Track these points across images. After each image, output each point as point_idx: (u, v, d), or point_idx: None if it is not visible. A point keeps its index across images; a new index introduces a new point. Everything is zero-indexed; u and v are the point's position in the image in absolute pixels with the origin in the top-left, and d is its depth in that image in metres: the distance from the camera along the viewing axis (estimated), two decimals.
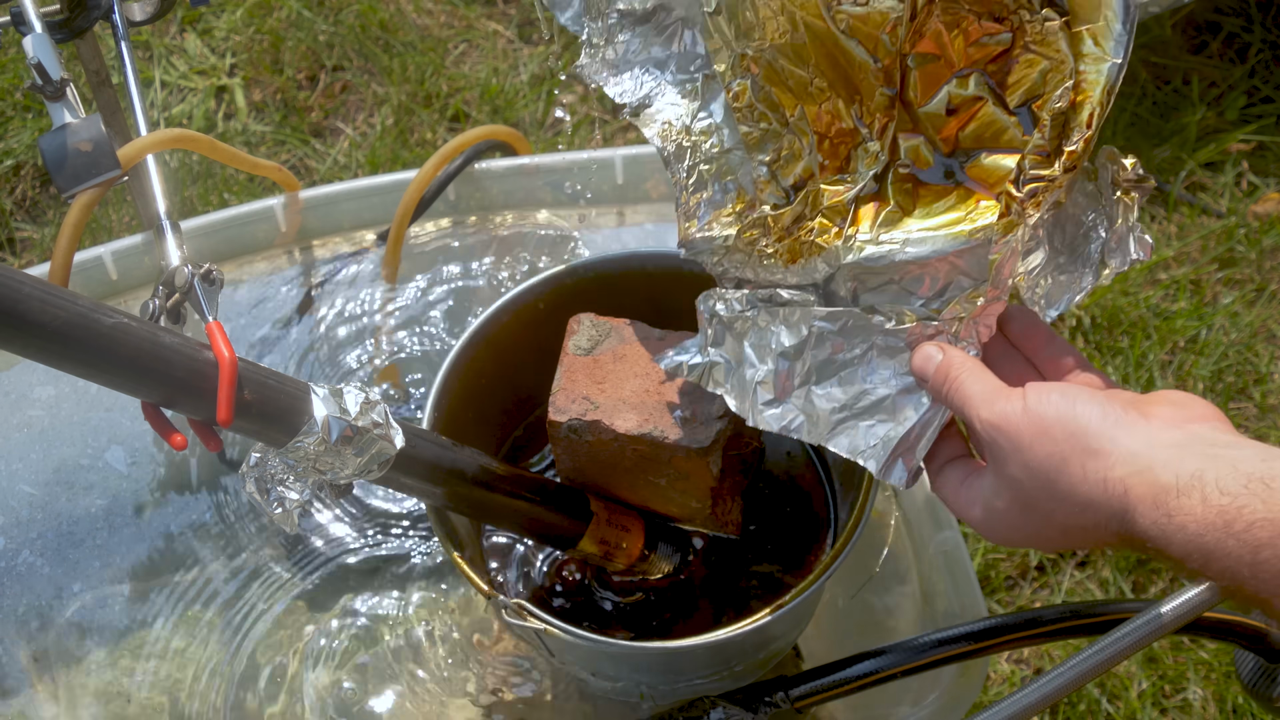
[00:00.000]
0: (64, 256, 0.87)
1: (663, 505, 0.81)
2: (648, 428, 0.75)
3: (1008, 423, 0.59)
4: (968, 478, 0.64)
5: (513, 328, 0.88)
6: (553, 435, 0.78)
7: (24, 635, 0.95)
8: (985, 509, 0.62)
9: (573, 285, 0.89)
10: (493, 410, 0.92)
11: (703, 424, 0.75)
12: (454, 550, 0.77)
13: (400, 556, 0.99)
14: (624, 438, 0.76)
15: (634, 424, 0.75)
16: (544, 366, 0.81)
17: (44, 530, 0.99)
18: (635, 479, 0.79)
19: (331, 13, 2.03)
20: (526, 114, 1.92)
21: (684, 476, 0.77)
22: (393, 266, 1.11)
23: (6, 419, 1.03)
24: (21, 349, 0.55)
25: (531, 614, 0.73)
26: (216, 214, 1.10)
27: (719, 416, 0.75)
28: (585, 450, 0.78)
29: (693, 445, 0.75)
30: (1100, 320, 1.67)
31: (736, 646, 0.78)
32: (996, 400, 0.60)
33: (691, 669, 0.82)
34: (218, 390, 0.60)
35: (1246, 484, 0.52)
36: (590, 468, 0.80)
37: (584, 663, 0.83)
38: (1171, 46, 1.95)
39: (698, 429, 0.75)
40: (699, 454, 0.75)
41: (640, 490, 0.80)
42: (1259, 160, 1.85)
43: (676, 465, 0.77)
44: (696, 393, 0.75)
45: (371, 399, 0.66)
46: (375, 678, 0.94)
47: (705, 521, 0.82)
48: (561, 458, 0.81)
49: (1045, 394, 0.59)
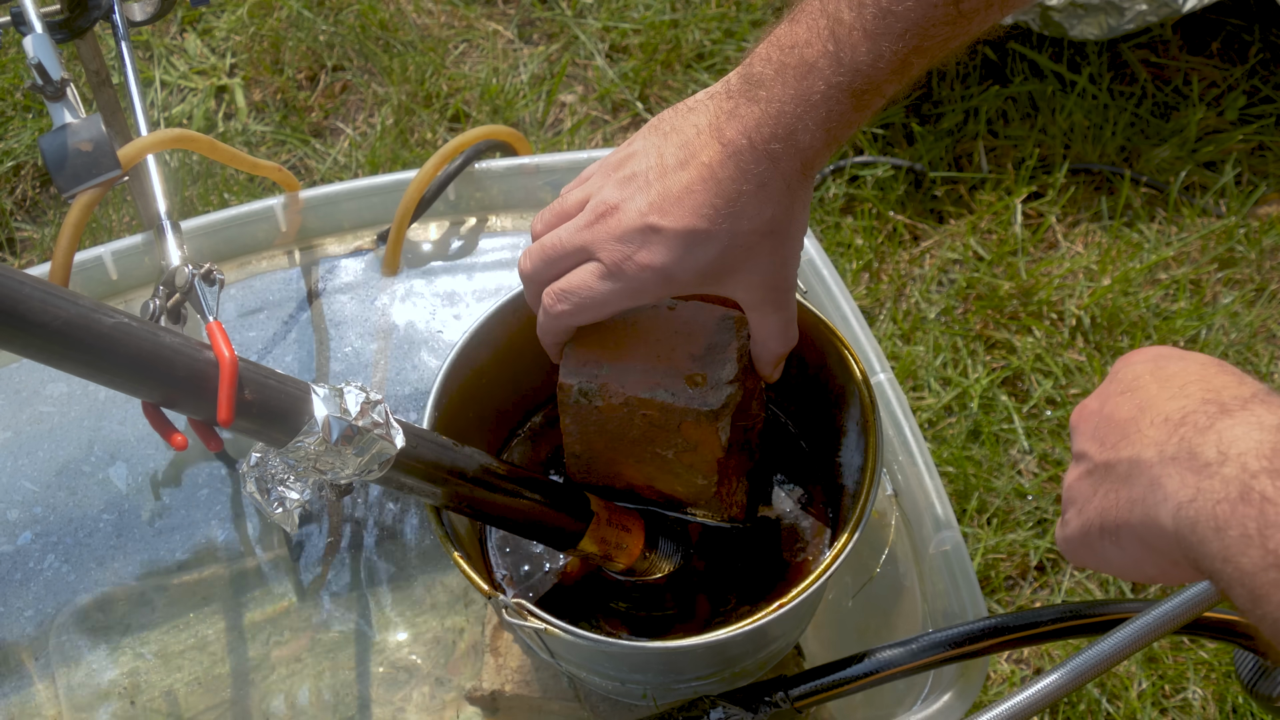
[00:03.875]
0: (64, 256, 0.87)
1: (669, 484, 0.81)
2: (658, 391, 0.75)
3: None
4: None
5: (512, 327, 0.88)
6: (562, 402, 0.78)
7: (24, 635, 0.95)
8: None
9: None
10: (493, 410, 0.92)
11: (713, 388, 0.75)
12: (453, 549, 0.77)
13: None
14: (634, 401, 0.76)
15: (644, 387, 0.75)
16: (544, 364, 0.81)
17: (45, 529, 0.99)
18: (642, 451, 0.79)
19: (331, 13, 2.03)
20: (526, 114, 1.93)
21: (691, 447, 0.77)
22: (393, 266, 1.11)
23: (16, 414, 1.03)
24: (22, 349, 0.55)
25: (531, 613, 0.73)
26: (216, 214, 1.10)
27: (729, 381, 0.75)
28: (594, 418, 0.78)
29: (703, 408, 0.75)
30: (1100, 320, 1.67)
31: (737, 646, 0.78)
32: None
33: (692, 668, 0.82)
34: (218, 390, 0.60)
35: None
36: (598, 440, 0.80)
37: (585, 662, 0.83)
38: (1171, 46, 1.95)
39: (708, 393, 0.75)
40: (708, 418, 0.75)
41: (647, 466, 0.80)
42: (1259, 160, 1.85)
43: (685, 433, 0.76)
44: (707, 358, 0.76)
45: (372, 398, 0.66)
46: (376, 678, 0.94)
47: (710, 504, 0.81)
48: (569, 429, 0.80)
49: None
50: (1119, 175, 1.82)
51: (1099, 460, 0.56)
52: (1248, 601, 0.47)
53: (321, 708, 0.93)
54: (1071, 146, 1.86)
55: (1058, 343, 1.67)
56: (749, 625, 0.74)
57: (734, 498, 0.82)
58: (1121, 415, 0.56)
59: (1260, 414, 0.50)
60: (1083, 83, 1.88)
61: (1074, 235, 1.79)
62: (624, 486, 0.84)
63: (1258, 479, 0.47)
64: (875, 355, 0.97)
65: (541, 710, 0.90)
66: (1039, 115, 1.88)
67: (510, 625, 0.75)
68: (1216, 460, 0.49)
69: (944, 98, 1.90)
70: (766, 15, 2.01)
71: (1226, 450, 0.49)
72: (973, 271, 1.73)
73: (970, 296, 1.72)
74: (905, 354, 1.65)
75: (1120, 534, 0.54)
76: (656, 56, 1.95)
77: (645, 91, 1.94)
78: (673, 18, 1.98)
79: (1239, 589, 0.47)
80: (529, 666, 0.90)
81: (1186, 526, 0.49)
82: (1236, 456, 0.48)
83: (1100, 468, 0.56)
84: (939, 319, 1.70)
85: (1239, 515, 0.47)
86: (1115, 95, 1.90)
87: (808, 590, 0.75)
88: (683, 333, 0.78)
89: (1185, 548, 0.49)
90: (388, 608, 0.97)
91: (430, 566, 0.99)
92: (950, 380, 1.64)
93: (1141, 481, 0.52)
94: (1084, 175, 1.84)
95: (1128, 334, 1.66)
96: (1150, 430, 0.53)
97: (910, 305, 1.72)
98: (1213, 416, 0.51)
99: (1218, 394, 0.53)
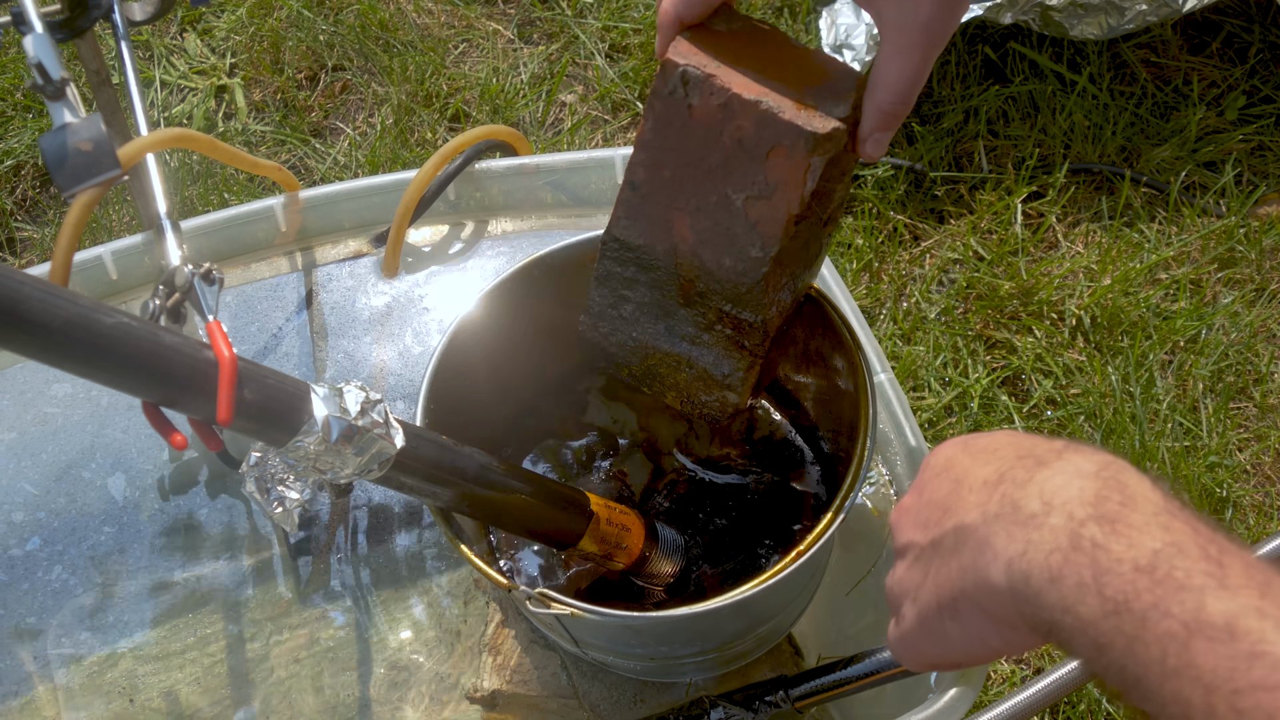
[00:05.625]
0: (64, 256, 0.87)
1: (716, 256, 0.75)
2: (765, 99, 0.70)
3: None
4: None
5: (491, 324, 0.87)
6: (655, 92, 0.73)
7: (24, 635, 0.95)
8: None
9: (543, 274, 0.87)
10: (482, 408, 0.91)
11: (821, 117, 0.70)
12: (462, 545, 0.77)
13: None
14: (734, 104, 0.71)
15: (751, 91, 0.71)
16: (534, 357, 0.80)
17: (49, 533, 0.99)
18: (709, 193, 0.74)
19: (331, 13, 2.03)
20: (526, 114, 1.93)
21: (769, 193, 0.72)
22: (393, 266, 1.11)
23: (21, 414, 1.03)
24: (22, 348, 0.55)
25: (556, 600, 0.73)
26: (216, 214, 1.10)
27: (839, 119, 0.70)
28: (680, 124, 0.73)
29: (806, 127, 0.70)
30: (1100, 320, 1.67)
31: (762, 603, 0.76)
32: None
33: (719, 633, 0.81)
34: (218, 389, 0.60)
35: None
36: (669, 161, 0.74)
37: (611, 644, 0.83)
38: (1171, 46, 1.95)
39: (815, 118, 0.70)
40: (805, 146, 0.70)
41: (704, 219, 0.75)
42: (1259, 160, 1.85)
43: (772, 166, 0.72)
44: (821, 94, 0.71)
45: (372, 398, 0.66)
46: (376, 678, 0.94)
47: (752, 298, 0.76)
48: (644, 140, 0.75)
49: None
50: (1119, 175, 1.82)
51: (925, 542, 0.55)
52: (1091, 651, 0.45)
53: (321, 707, 0.93)
54: (1072, 146, 1.86)
55: (1058, 343, 1.67)
56: (769, 580, 0.72)
57: (775, 311, 0.76)
58: (940, 495, 0.55)
59: (1076, 461, 0.49)
60: (1083, 83, 1.88)
61: (1074, 235, 1.79)
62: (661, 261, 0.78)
63: (1085, 526, 0.46)
64: (875, 355, 0.97)
65: (541, 709, 0.90)
66: (1039, 115, 1.88)
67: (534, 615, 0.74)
68: (1042, 511, 0.48)
69: (944, 97, 1.90)
70: (766, 15, 2.01)
71: (1050, 500, 0.48)
72: (973, 271, 1.73)
73: (970, 296, 1.72)
74: (905, 354, 1.65)
75: (959, 606, 0.52)
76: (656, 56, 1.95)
77: (645, 91, 1.94)
78: None
79: (1080, 639, 0.45)
80: (528, 665, 0.90)
81: (1020, 580, 0.47)
82: (1061, 505, 0.48)
83: (928, 549, 0.55)
84: (939, 319, 1.70)
85: (1073, 564, 0.46)
86: (1115, 95, 1.90)
87: (794, 565, 0.73)
88: (804, 68, 0.72)
89: (1021, 603, 0.48)
90: (388, 607, 0.97)
91: (431, 565, 0.99)
92: (951, 380, 1.64)
93: (969, 546, 0.51)
94: (1084, 175, 1.84)
95: (1128, 334, 1.66)
96: (970, 496, 0.52)
97: (910, 305, 1.72)
98: (1030, 469, 0.50)
99: (1030, 450, 0.52)
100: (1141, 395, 1.59)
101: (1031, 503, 0.49)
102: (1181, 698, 0.42)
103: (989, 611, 0.50)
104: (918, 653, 0.56)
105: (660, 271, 0.78)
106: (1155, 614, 0.43)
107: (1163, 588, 0.43)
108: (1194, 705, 0.41)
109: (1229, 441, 1.58)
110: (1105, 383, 1.61)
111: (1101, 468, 0.49)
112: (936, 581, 0.53)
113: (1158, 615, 0.43)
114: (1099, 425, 1.57)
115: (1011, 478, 0.51)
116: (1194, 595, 0.43)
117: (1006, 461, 0.52)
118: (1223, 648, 0.41)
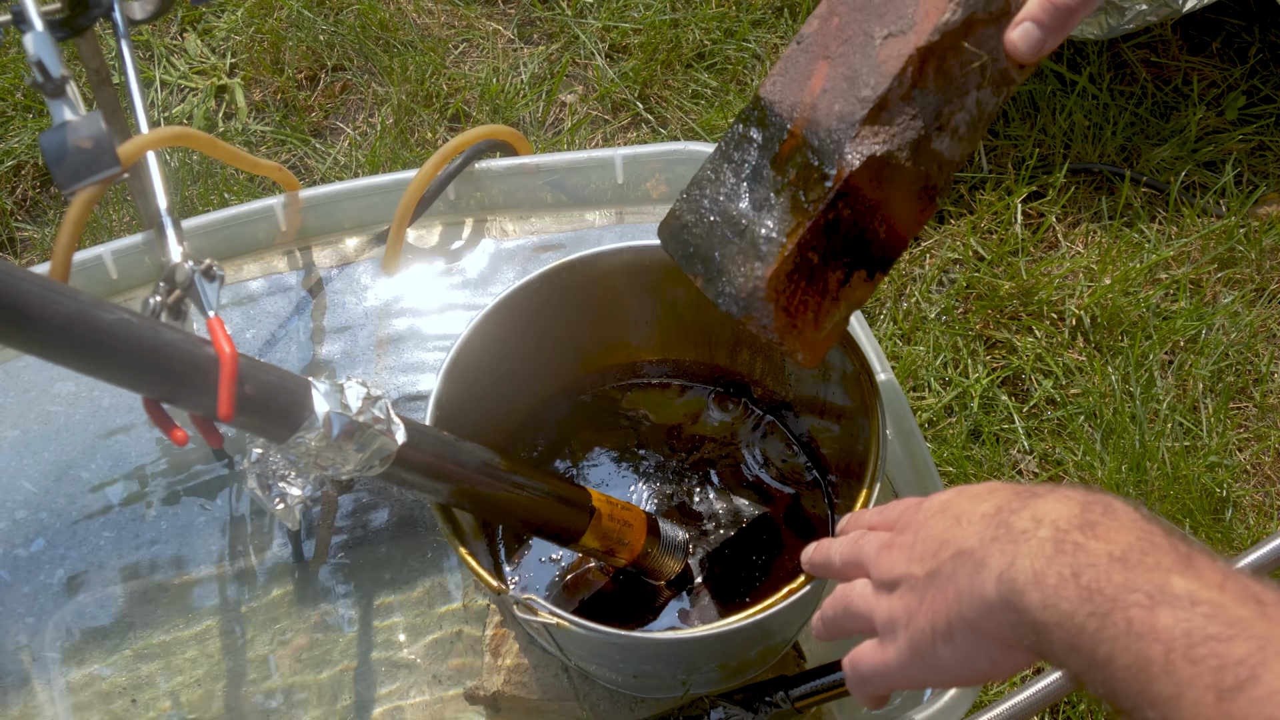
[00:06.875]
0: (64, 254, 0.87)
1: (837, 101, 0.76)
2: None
3: None
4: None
5: (511, 324, 0.88)
6: None
7: (24, 635, 0.95)
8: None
9: (568, 280, 0.88)
10: (493, 405, 0.91)
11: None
12: (460, 546, 0.77)
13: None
14: None
15: None
16: (542, 357, 0.80)
17: (49, 529, 0.99)
18: (854, 40, 0.75)
19: (331, 13, 2.03)
20: (526, 114, 1.92)
21: (906, 28, 0.72)
22: (393, 266, 1.11)
23: (24, 412, 1.03)
24: (23, 344, 0.55)
25: (542, 608, 0.73)
26: (217, 213, 1.10)
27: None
28: None
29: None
30: (1100, 320, 1.67)
31: (741, 637, 0.78)
32: None
33: (703, 660, 0.82)
34: (219, 385, 0.60)
35: None
36: (841, 11, 0.75)
37: (594, 656, 0.83)
38: (1171, 46, 1.95)
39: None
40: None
41: (852, 54, 0.76)
42: (1259, 160, 1.85)
43: (922, 1, 0.73)
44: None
45: (373, 394, 0.66)
46: (376, 678, 0.94)
47: (835, 156, 0.75)
48: None
49: None
50: (1119, 175, 1.82)
51: (922, 574, 0.57)
52: (1067, 649, 0.48)
53: (321, 707, 0.93)
54: (1072, 146, 1.86)
55: (1058, 343, 1.67)
56: (754, 616, 0.73)
57: (858, 161, 0.74)
58: (938, 531, 0.58)
59: (1068, 493, 0.53)
60: (1083, 82, 1.88)
61: (1074, 235, 1.79)
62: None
63: (1069, 534, 0.50)
64: (876, 355, 0.97)
65: (541, 710, 0.90)
66: (1039, 115, 1.88)
67: (520, 620, 0.75)
68: (1032, 527, 0.52)
69: None
70: (766, 15, 2.01)
71: (1040, 518, 0.52)
72: (973, 271, 1.73)
73: (971, 296, 1.72)
74: (906, 354, 1.65)
75: (952, 630, 0.54)
76: (657, 56, 1.95)
77: (645, 91, 1.94)
78: (673, 17, 1.98)
79: (1058, 635, 0.48)
80: (528, 667, 0.90)
81: (1008, 588, 0.51)
82: (1050, 522, 0.51)
83: (924, 579, 0.57)
84: (939, 319, 1.70)
85: (1055, 564, 0.49)
86: (1115, 95, 1.90)
87: (800, 592, 0.74)
88: None
89: (1010, 611, 0.51)
90: (388, 608, 0.97)
91: (432, 566, 0.99)
92: (951, 380, 1.63)
93: (967, 568, 0.54)
94: (1084, 175, 1.84)
95: (1128, 334, 1.66)
96: (970, 528, 0.55)
97: (910, 305, 1.72)
98: (1025, 500, 0.54)
99: (1025, 489, 0.56)
100: (1141, 395, 1.59)
101: (1024, 522, 0.52)
102: (1144, 658, 0.45)
103: (982, 630, 0.53)
104: (903, 676, 0.58)
105: (773, 129, 0.78)
106: (1124, 591, 0.47)
107: (1134, 570, 0.47)
108: (1154, 662, 0.45)
109: (1229, 441, 1.58)
110: (1105, 383, 1.61)
111: (1089, 494, 0.53)
112: (932, 608, 0.56)
113: (1126, 591, 0.47)
114: (1099, 425, 1.57)
115: (1008, 507, 0.54)
116: (1161, 574, 0.47)
117: (1003, 498, 0.56)
118: (1183, 613, 0.45)
